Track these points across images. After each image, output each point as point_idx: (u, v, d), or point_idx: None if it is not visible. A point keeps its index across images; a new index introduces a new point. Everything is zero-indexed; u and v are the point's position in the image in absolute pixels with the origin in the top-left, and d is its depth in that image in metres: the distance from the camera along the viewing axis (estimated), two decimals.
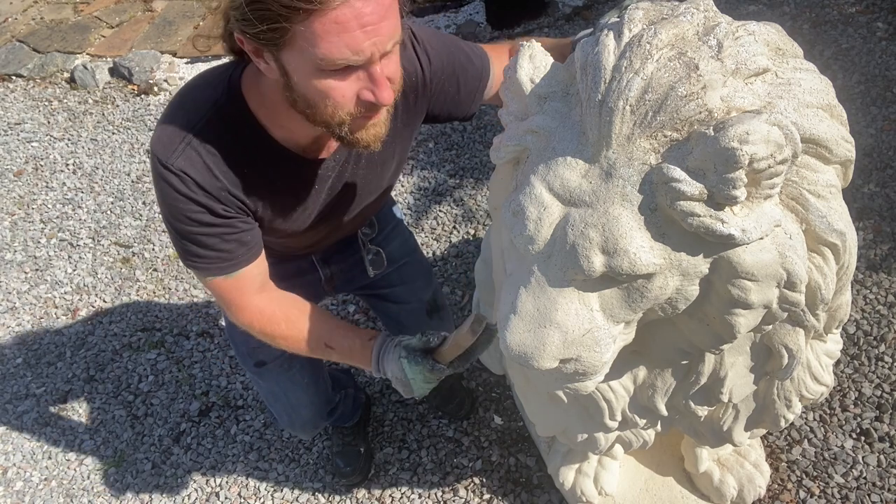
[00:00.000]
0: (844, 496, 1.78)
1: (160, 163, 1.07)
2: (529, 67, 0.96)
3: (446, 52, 1.23)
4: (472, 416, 2.13)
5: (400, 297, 1.69)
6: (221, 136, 1.09)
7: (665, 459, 1.82)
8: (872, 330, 2.07)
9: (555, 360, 0.91)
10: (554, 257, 0.88)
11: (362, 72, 0.94)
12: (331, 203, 1.30)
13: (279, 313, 1.25)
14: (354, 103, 0.97)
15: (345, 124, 1.00)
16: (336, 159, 1.22)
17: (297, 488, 2.07)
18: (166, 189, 1.08)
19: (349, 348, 1.28)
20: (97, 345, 2.58)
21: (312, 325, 1.26)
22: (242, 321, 1.25)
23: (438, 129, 3.13)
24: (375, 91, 0.95)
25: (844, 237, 0.91)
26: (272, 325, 1.24)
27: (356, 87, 0.95)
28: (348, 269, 1.59)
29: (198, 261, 1.15)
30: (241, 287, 1.21)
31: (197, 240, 1.13)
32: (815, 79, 0.89)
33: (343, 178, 1.27)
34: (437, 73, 1.22)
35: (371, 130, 1.03)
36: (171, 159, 1.06)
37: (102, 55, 4.05)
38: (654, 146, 0.82)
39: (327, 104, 0.96)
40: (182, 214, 1.10)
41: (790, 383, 1.20)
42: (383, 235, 1.61)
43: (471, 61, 1.26)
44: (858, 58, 2.92)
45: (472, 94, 1.29)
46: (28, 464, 2.27)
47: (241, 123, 1.10)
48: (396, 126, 1.24)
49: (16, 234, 3.08)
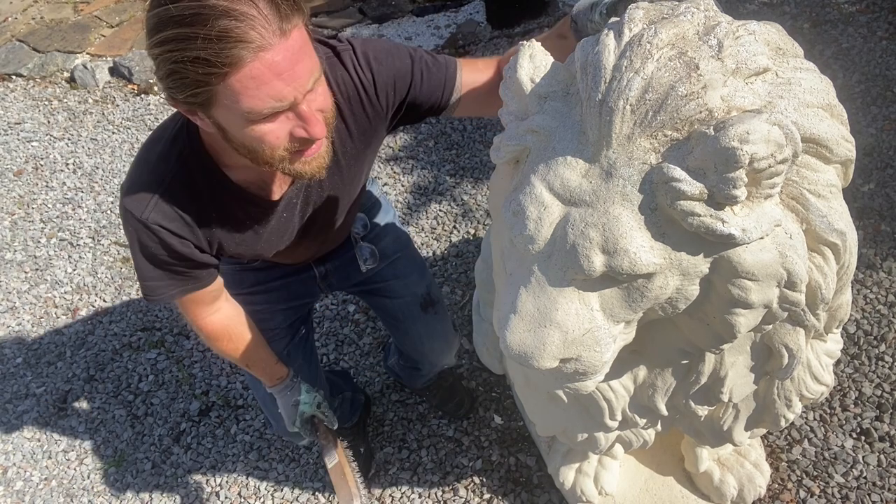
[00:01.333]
0: (844, 496, 1.78)
1: (135, 218, 1.15)
2: (529, 67, 0.96)
3: (393, 65, 1.23)
4: (472, 415, 2.13)
5: (394, 292, 1.70)
6: (189, 186, 1.16)
7: (665, 459, 1.82)
8: (873, 329, 2.07)
9: (555, 359, 0.91)
10: (554, 257, 0.88)
11: (290, 112, 0.98)
12: (306, 224, 1.36)
13: (226, 330, 1.42)
14: (289, 140, 1.00)
15: (285, 160, 1.04)
16: (298, 186, 1.27)
17: (297, 488, 2.07)
18: (145, 239, 1.18)
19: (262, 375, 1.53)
20: (97, 344, 2.58)
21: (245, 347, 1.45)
22: (196, 328, 1.40)
23: (438, 129, 3.13)
24: (307, 128, 0.99)
25: (845, 237, 0.91)
26: (218, 340, 1.42)
27: (287, 126, 0.99)
28: (343, 267, 1.61)
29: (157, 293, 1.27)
30: (196, 300, 1.33)
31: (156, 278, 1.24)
32: (815, 78, 0.89)
33: (310, 203, 1.32)
34: (383, 84, 1.23)
35: (313, 163, 1.07)
36: (144, 213, 1.15)
37: (102, 55, 4.05)
38: (655, 146, 0.82)
39: (264, 148, 1.00)
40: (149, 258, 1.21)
41: (790, 383, 1.20)
42: (375, 232, 1.63)
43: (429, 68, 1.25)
44: (859, 57, 2.92)
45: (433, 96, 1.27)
46: (28, 463, 2.27)
47: (206, 171, 1.17)
48: (356, 147, 1.28)
49: (16, 234, 3.08)
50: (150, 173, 1.16)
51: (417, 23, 3.83)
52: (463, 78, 1.27)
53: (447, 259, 2.60)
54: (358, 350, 2.39)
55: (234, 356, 1.45)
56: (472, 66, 1.29)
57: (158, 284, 1.25)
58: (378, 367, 2.32)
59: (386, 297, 1.71)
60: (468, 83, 1.27)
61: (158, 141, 1.18)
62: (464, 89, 1.27)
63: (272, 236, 1.32)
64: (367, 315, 2.48)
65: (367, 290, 1.72)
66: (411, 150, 3.07)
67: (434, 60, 1.26)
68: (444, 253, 2.63)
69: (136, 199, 1.15)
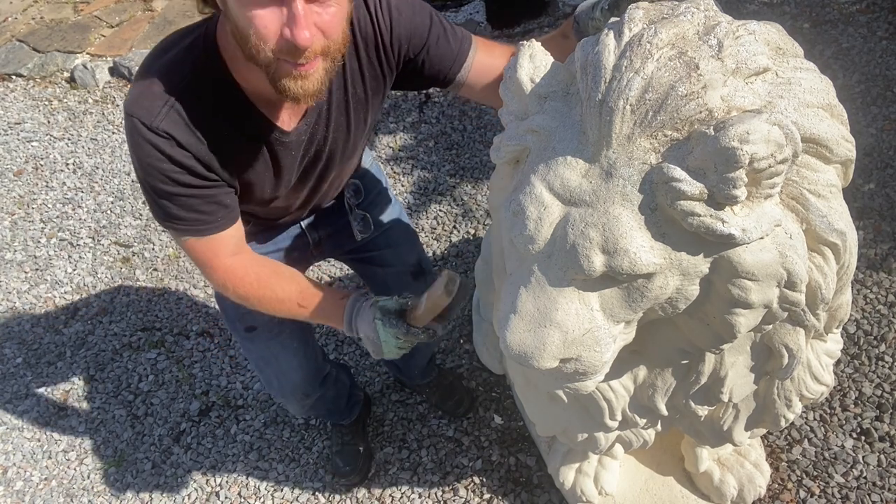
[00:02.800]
0: (845, 496, 1.78)
1: (145, 125, 1.07)
2: (529, 67, 0.96)
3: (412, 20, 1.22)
4: (472, 415, 2.13)
5: (386, 261, 1.71)
6: (202, 97, 1.10)
7: (665, 459, 1.82)
8: (873, 329, 2.07)
9: (555, 359, 0.91)
10: (554, 257, 0.88)
11: (284, 6, 0.95)
12: (305, 168, 1.31)
13: (251, 273, 1.26)
14: (276, 40, 0.97)
15: (271, 65, 1.00)
16: (308, 123, 1.24)
17: (297, 488, 2.07)
18: (150, 151, 1.09)
19: (320, 307, 1.28)
20: (97, 345, 2.58)
21: (284, 284, 1.27)
22: (216, 281, 1.26)
23: (438, 129, 3.13)
24: (293, 29, 0.95)
25: (845, 237, 0.90)
26: (244, 285, 1.25)
27: (278, 21, 0.96)
28: (336, 234, 1.62)
29: (176, 222, 1.17)
30: (215, 249, 1.22)
31: (177, 201, 1.14)
32: (815, 78, 0.89)
33: (314, 143, 1.28)
34: (398, 35, 1.21)
35: (300, 82, 1.02)
36: (155, 122, 1.07)
37: (102, 55, 4.04)
38: (655, 146, 0.82)
39: (251, 35, 0.97)
40: (165, 175, 1.11)
41: (790, 383, 1.20)
42: (369, 200, 1.63)
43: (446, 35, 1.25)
44: (859, 57, 2.92)
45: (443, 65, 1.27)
46: (28, 463, 2.27)
47: (219, 84, 1.11)
48: (365, 91, 1.25)
49: (16, 234, 3.08)
50: (161, 80, 1.09)
51: None
52: (476, 58, 1.27)
53: (447, 259, 2.60)
54: (358, 350, 2.39)
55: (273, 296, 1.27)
56: (489, 48, 1.29)
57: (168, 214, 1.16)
58: (378, 366, 2.32)
59: (377, 265, 1.72)
60: (481, 64, 1.26)
61: (169, 49, 1.12)
62: (474, 69, 1.27)
63: (273, 169, 1.26)
64: None
65: (359, 259, 1.72)
66: (411, 150, 3.07)
67: (452, 29, 1.26)
68: (444, 253, 2.63)
69: (146, 105, 1.08)
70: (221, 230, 1.21)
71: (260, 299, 1.27)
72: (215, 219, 1.19)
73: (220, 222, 1.20)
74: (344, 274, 2.60)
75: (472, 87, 1.29)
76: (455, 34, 1.25)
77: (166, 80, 1.09)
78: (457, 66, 1.26)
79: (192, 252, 1.23)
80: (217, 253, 1.23)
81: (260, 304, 1.28)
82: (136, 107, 1.08)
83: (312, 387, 1.75)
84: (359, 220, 1.60)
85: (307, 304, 1.28)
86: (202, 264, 1.25)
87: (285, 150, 1.24)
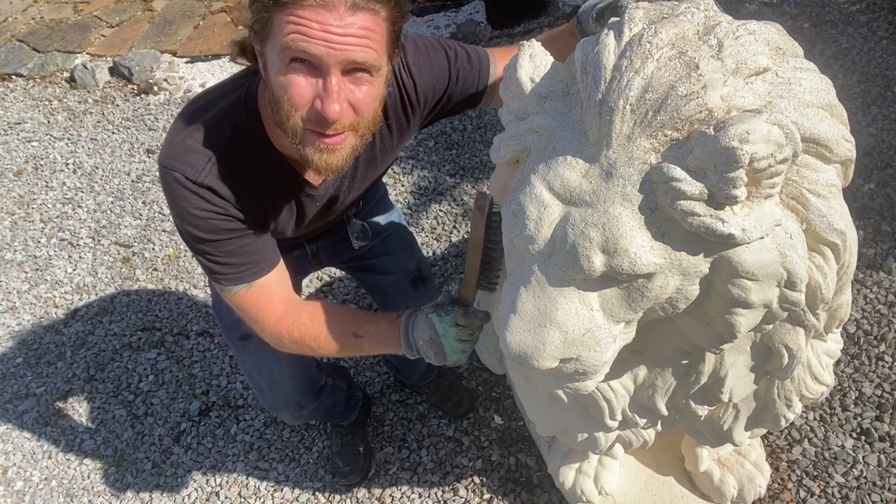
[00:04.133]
0: (845, 496, 1.78)
1: (189, 179, 1.11)
2: (529, 67, 0.96)
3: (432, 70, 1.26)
4: (472, 415, 2.13)
5: (385, 268, 1.71)
6: (241, 157, 1.15)
7: (665, 459, 1.82)
8: (873, 329, 2.07)
9: (555, 359, 0.91)
10: (554, 257, 0.88)
11: (320, 79, 0.98)
12: (324, 209, 1.36)
13: (304, 314, 1.25)
14: (307, 109, 1.00)
15: (298, 132, 1.03)
16: (335, 179, 1.28)
17: (297, 488, 2.07)
18: (194, 200, 1.12)
19: (377, 331, 1.24)
20: (97, 344, 2.58)
21: (336, 317, 1.26)
22: (270, 332, 1.25)
23: (438, 129, 3.13)
24: (324, 101, 0.98)
25: (845, 236, 0.90)
26: (297, 327, 1.24)
27: (312, 91, 0.99)
28: (334, 244, 1.63)
29: (224, 272, 1.20)
30: (266, 296, 1.24)
31: (221, 247, 1.18)
32: (815, 78, 0.89)
33: (340, 192, 1.34)
34: (423, 88, 1.26)
35: (324, 155, 1.05)
36: (200, 177, 1.12)
37: (102, 55, 4.05)
38: (655, 145, 0.82)
39: (284, 101, 1.00)
40: (208, 222, 1.15)
41: (790, 383, 1.20)
42: (367, 210, 1.64)
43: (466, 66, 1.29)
44: (859, 57, 2.92)
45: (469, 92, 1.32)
46: (28, 463, 2.27)
47: (258, 144, 1.16)
48: (392, 142, 1.31)
49: (16, 234, 3.08)
50: (204, 138, 1.13)
51: (417, 23, 3.83)
52: (497, 71, 1.31)
53: (447, 259, 2.60)
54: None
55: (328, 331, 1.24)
56: (505, 56, 1.32)
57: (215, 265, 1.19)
58: (378, 366, 2.32)
59: (377, 273, 1.72)
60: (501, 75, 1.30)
61: (210, 107, 1.16)
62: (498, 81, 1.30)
63: (301, 218, 1.32)
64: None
65: (358, 266, 1.72)
66: (411, 150, 3.07)
67: (468, 58, 1.29)
68: (444, 253, 2.63)
69: (189, 162, 1.12)
70: (267, 272, 1.24)
71: (316, 337, 1.25)
72: (260, 260, 1.22)
73: (264, 265, 1.23)
74: (343, 274, 2.60)
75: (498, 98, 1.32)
76: (472, 60, 1.29)
77: (208, 139, 1.13)
78: (481, 86, 1.30)
79: (245, 304, 1.24)
80: (269, 300, 1.24)
81: (316, 341, 1.25)
82: (178, 162, 1.12)
83: (307, 398, 1.73)
84: (357, 230, 1.61)
85: (363, 331, 1.25)
86: (256, 317, 1.25)
87: (311, 202, 1.30)
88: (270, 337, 1.27)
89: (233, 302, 1.25)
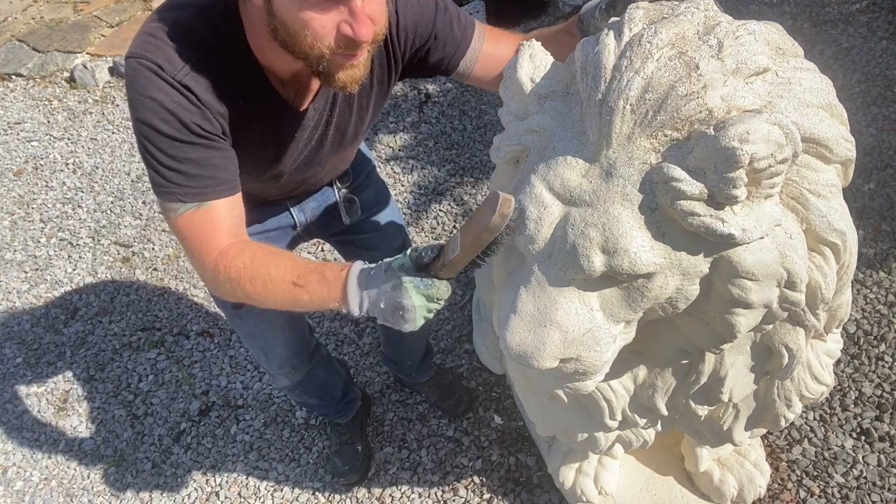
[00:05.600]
0: (845, 496, 1.78)
1: (168, 74, 1.03)
2: (529, 67, 0.96)
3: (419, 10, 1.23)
4: (472, 415, 2.13)
5: (371, 244, 1.71)
6: (221, 66, 1.08)
7: (665, 459, 1.82)
8: (873, 329, 2.07)
9: (555, 359, 0.91)
10: (554, 257, 0.88)
11: (343, 6, 0.96)
12: (309, 150, 1.31)
13: (246, 252, 1.12)
14: (334, 37, 0.98)
15: (324, 59, 1.00)
16: (316, 108, 1.24)
17: (297, 488, 2.07)
18: (171, 93, 1.04)
19: (319, 282, 1.09)
20: (97, 344, 2.58)
21: (279, 262, 1.12)
22: (208, 265, 1.13)
23: (438, 129, 3.13)
24: (354, 26, 0.96)
25: (845, 236, 0.91)
26: (235, 266, 1.11)
27: (336, 19, 0.96)
28: (323, 216, 1.62)
29: (182, 181, 1.09)
30: (214, 222, 1.12)
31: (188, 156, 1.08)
32: (815, 78, 0.89)
33: (319, 127, 1.28)
34: (405, 27, 1.22)
35: (349, 71, 1.03)
36: (178, 75, 1.04)
37: (102, 54, 4.04)
38: (655, 145, 0.82)
39: (307, 35, 0.97)
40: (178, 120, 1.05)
41: (790, 383, 1.20)
42: (357, 183, 1.63)
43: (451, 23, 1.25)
44: (859, 57, 2.92)
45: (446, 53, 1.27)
46: (28, 463, 2.27)
47: (240, 56, 1.10)
48: (372, 79, 1.25)
49: (16, 234, 3.08)
50: (180, 36, 1.05)
51: None
52: (483, 49, 1.27)
53: None
54: (358, 350, 2.39)
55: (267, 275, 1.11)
56: (496, 39, 1.29)
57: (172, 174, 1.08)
58: (378, 366, 2.32)
59: (363, 248, 1.72)
60: (487, 56, 1.27)
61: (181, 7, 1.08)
62: (480, 61, 1.27)
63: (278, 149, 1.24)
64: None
65: (345, 240, 1.72)
66: (411, 150, 3.07)
67: (457, 18, 1.26)
68: None
69: (166, 57, 1.03)
70: (223, 196, 1.12)
71: (252, 279, 1.11)
72: (222, 179, 1.11)
73: (223, 186, 1.12)
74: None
75: (479, 78, 1.29)
76: (460, 22, 1.26)
77: (186, 38, 1.05)
78: (458, 55, 1.26)
79: (190, 229, 1.12)
80: (215, 228, 1.12)
81: (251, 284, 1.11)
82: (153, 55, 1.03)
83: (300, 360, 1.76)
84: (347, 204, 1.60)
85: (304, 281, 1.09)
86: (198, 246, 1.13)
87: (291, 130, 1.24)
88: (208, 274, 1.14)
89: (176, 225, 1.12)
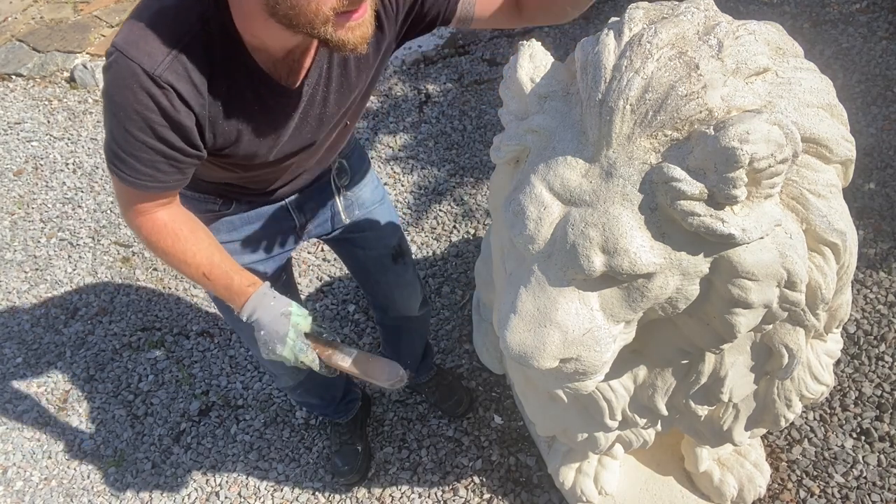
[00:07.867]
0: (845, 496, 1.78)
1: (146, 72, 1.02)
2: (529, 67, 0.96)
3: None
4: (472, 415, 2.13)
5: (368, 243, 1.71)
6: (208, 51, 1.06)
7: (665, 459, 1.82)
8: (873, 329, 2.07)
9: (555, 359, 0.91)
10: (554, 257, 0.88)
11: None
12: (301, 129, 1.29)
13: (170, 227, 1.22)
14: None
15: (329, 22, 0.98)
16: (309, 83, 1.21)
17: (297, 488, 2.07)
18: (143, 99, 1.03)
19: (225, 287, 1.27)
20: (97, 344, 2.58)
21: (197, 249, 1.23)
22: (133, 225, 1.22)
23: (438, 129, 3.13)
24: None
25: (845, 237, 0.91)
26: (158, 237, 1.22)
27: None
28: (320, 215, 1.62)
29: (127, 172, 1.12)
30: (150, 202, 1.19)
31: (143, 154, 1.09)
32: (815, 78, 0.89)
33: (314, 104, 1.26)
34: None
35: (357, 31, 1.01)
36: (158, 70, 1.02)
37: (102, 54, 4.04)
38: (655, 145, 0.82)
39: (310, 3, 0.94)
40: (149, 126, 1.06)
41: (790, 383, 1.20)
42: (354, 182, 1.63)
43: None
44: (859, 57, 2.92)
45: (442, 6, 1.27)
46: (28, 463, 2.27)
47: (227, 40, 1.08)
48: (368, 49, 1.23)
49: (16, 234, 3.08)
50: (166, 26, 1.03)
51: None
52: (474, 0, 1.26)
53: (447, 259, 2.60)
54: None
55: (182, 258, 1.23)
56: None
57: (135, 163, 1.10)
58: None
59: (359, 247, 1.72)
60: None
61: None
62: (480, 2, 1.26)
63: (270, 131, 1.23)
64: (367, 315, 2.48)
65: (342, 239, 1.71)
66: (411, 150, 3.07)
67: None
68: (444, 253, 2.63)
69: (148, 51, 1.02)
70: (166, 191, 1.18)
71: (168, 255, 1.23)
72: (167, 182, 1.15)
73: (170, 185, 1.16)
74: (344, 274, 2.60)
75: (482, 18, 1.28)
76: None
77: (171, 27, 1.04)
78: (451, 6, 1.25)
79: (125, 196, 1.19)
80: (149, 205, 1.20)
81: (168, 259, 1.25)
82: (135, 50, 1.02)
83: None
84: (344, 202, 1.60)
85: (213, 277, 1.25)
86: (127, 208, 1.21)
87: (284, 109, 1.21)
88: (131, 227, 1.23)
89: (113, 179, 1.17)
